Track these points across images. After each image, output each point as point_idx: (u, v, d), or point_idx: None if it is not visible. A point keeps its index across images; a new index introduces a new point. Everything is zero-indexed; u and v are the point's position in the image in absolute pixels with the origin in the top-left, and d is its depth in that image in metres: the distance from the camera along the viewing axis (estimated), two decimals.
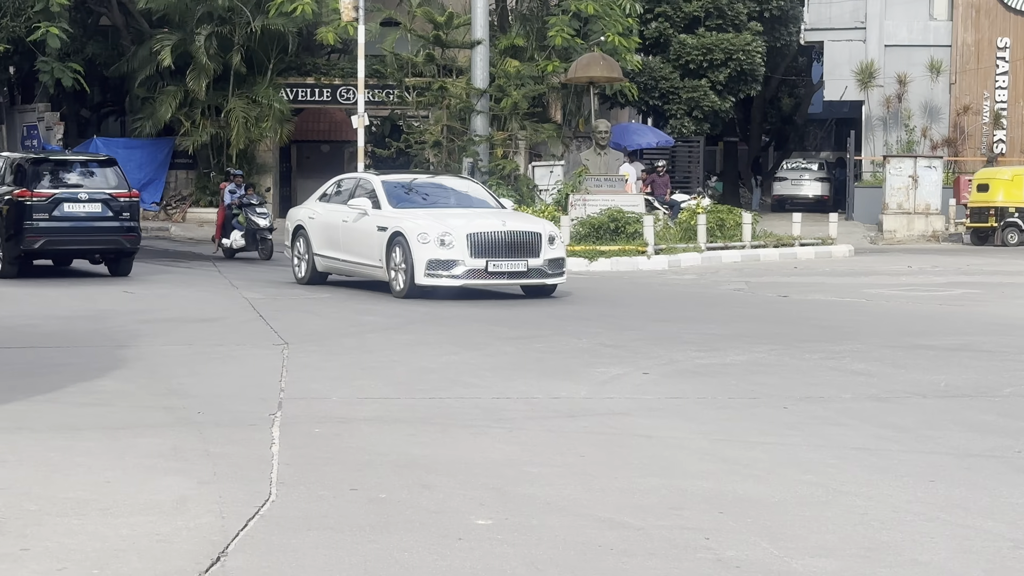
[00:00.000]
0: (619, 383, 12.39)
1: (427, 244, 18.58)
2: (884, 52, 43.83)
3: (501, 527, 7.37)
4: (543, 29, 36.23)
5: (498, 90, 33.14)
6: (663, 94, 43.17)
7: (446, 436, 9.89)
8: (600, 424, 10.45)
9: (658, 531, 7.33)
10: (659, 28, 42.63)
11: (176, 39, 36.39)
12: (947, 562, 6.83)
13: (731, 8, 43.00)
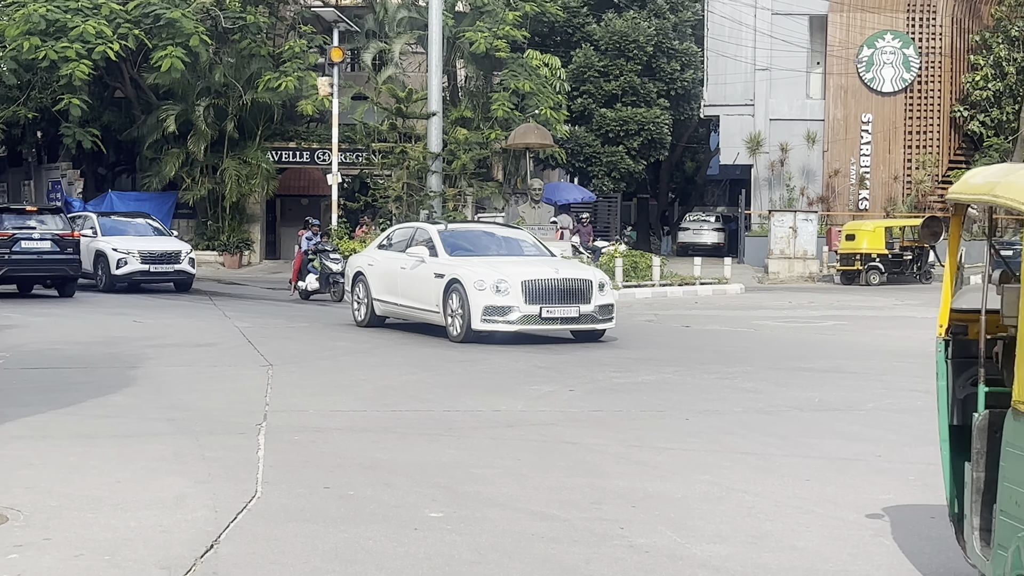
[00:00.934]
0: (549, 399, 12.39)
1: (483, 291, 16.71)
2: (769, 125, 44.20)
3: (450, 519, 7.36)
4: (487, 103, 36.35)
5: (449, 154, 33.24)
6: (587, 158, 43.39)
7: (405, 443, 9.86)
8: (534, 433, 10.45)
9: (581, 522, 7.34)
10: (584, 103, 42.83)
11: (179, 109, 36.20)
12: (820, 547, 6.89)
13: (643, 87, 43.28)
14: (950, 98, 42.77)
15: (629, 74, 42.96)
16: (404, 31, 36.81)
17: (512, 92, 35.69)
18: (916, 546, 6.94)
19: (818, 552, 6.77)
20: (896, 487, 8.47)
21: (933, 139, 42.97)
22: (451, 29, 35.30)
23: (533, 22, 39.16)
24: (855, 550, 6.84)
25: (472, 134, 34.77)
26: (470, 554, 6.62)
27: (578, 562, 6.50)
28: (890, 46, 42.85)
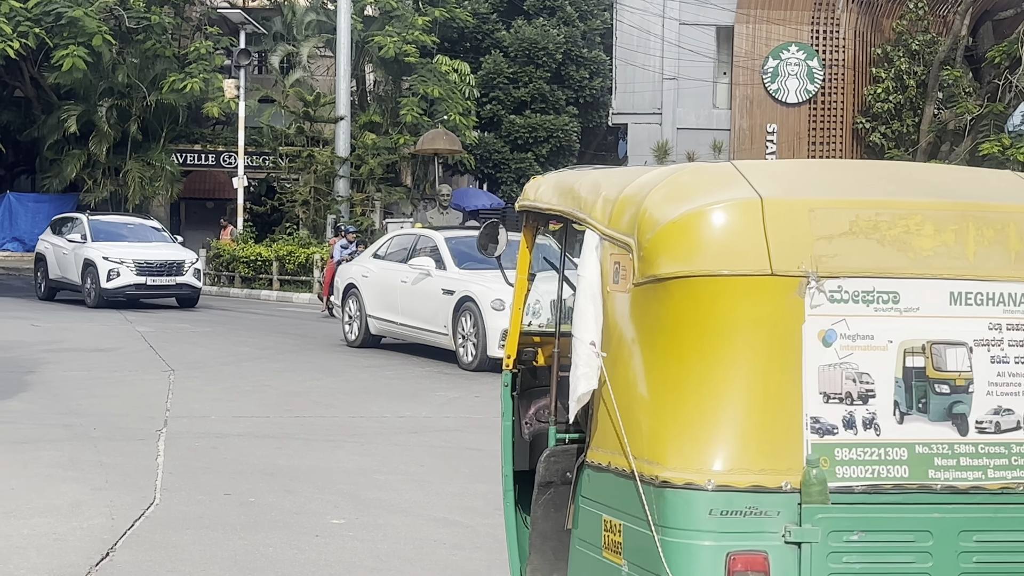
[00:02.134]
0: (455, 404, 12.41)
1: (502, 311, 13.59)
2: (676, 134, 44.57)
3: (352, 526, 7.33)
4: (396, 108, 36.21)
5: (357, 158, 33.10)
6: (496, 164, 43.45)
7: (308, 449, 9.80)
8: (438, 439, 10.45)
9: (484, 528, 7.35)
10: (493, 110, 42.87)
11: (81, 110, 35.54)
12: None
13: (552, 95, 43.47)
14: (852, 110, 43.50)
15: (538, 81, 43.13)
16: (312, 34, 36.58)
17: (421, 97, 35.61)
18: None
19: None
20: None
21: (836, 150, 43.64)
22: (360, 33, 35.15)
23: (442, 28, 39.15)
24: None
25: (380, 139, 34.65)
26: (371, 560, 6.60)
27: (480, 568, 6.51)
28: (795, 58, 43.49)
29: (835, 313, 3.37)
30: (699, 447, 3.34)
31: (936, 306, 3.44)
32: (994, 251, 3.50)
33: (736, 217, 3.42)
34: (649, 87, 44.35)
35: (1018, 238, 3.53)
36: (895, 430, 3.40)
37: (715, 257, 3.38)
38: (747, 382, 3.36)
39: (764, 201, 3.41)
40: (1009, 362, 3.47)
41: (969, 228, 3.50)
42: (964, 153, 38.98)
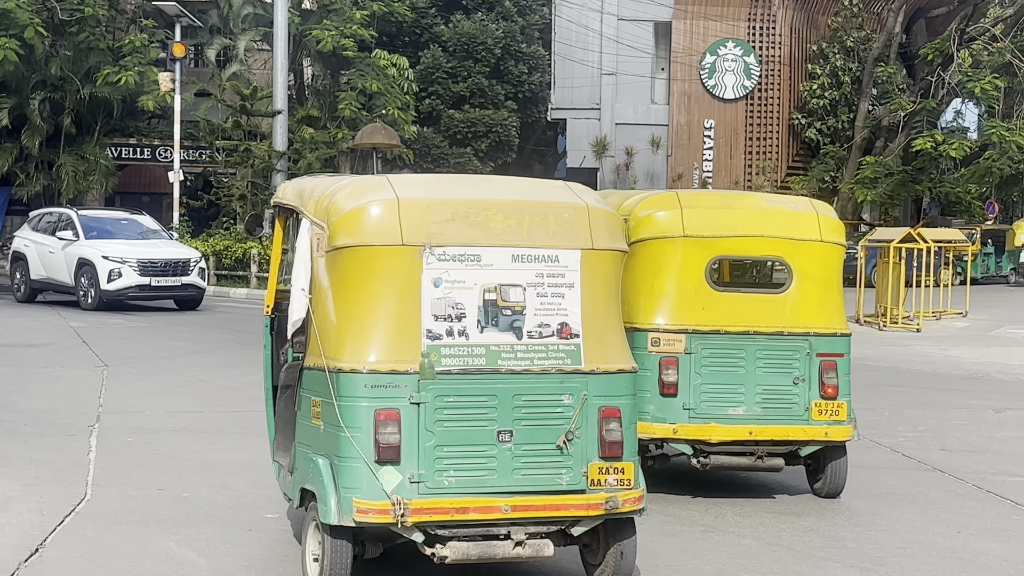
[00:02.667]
0: None
1: None
2: (615, 129, 44.75)
3: (286, 520, 7.30)
4: (335, 103, 36.04)
5: (295, 152, 32.98)
6: (435, 159, 43.39)
7: (243, 444, 9.74)
8: None
9: None
10: (432, 104, 42.81)
11: (13, 102, 35.02)
12: (651, 544, 6.98)
13: (491, 89, 43.48)
14: (789, 106, 43.87)
15: (477, 76, 43.11)
16: (249, 27, 36.32)
17: (359, 92, 35.47)
18: (742, 542, 7.10)
19: (649, 548, 6.89)
20: (726, 485, 8.65)
21: (772, 146, 44.03)
22: (297, 27, 34.96)
23: (381, 22, 39.02)
24: (685, 545, 6.95)
25: (318, 133, 34.51)
26: None
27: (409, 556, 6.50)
28: (732, 54, 43.79)
29: (441, 268, 5.65)
30: (360, 348, 5.64)
31: (503, 263, 5.77)
32: (539, 230, 5.82)
33: (382, 210, 5.73)
34: (588, 82, 44.50)
35: (555, 222, 5.87)
36: (478, 337, 5.68)
37: (370, 234, 5.70)
38: (388, 309, 5.67)
39: (400, 200, 5.76)
40: (548, 296, 5.80)
41: (525, 216, 5.83)
42: (898, 149, 39.46)
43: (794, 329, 8.03)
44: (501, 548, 5.58)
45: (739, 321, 8.02)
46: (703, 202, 8.74)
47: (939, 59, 38.22)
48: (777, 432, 7.99)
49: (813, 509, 7.95)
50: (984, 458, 9.87)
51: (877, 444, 10.34)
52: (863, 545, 7.08)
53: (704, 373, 7.95)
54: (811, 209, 8.47)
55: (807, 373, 7.99)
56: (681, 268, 8.07)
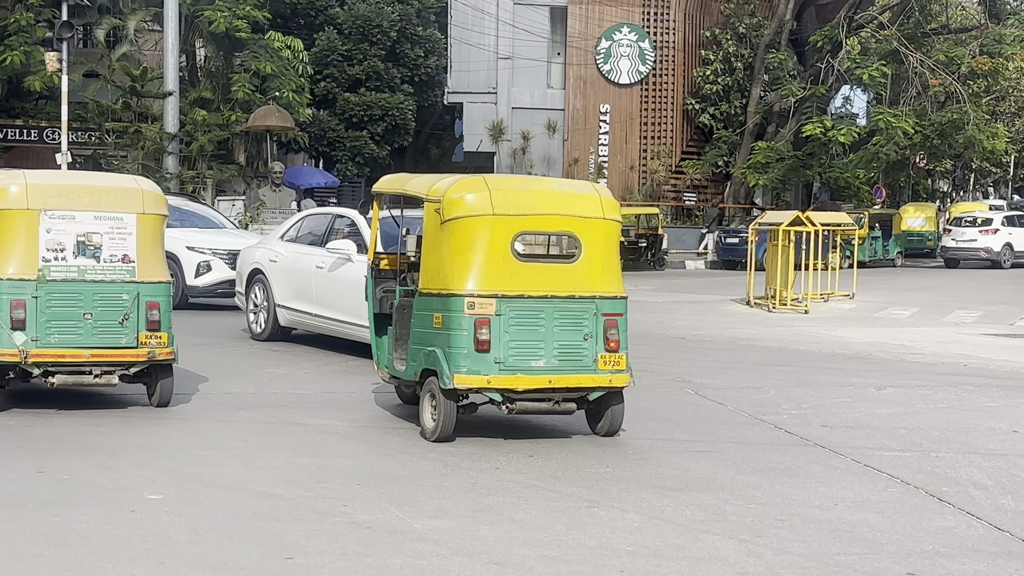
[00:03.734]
0: (283, 381, 12.30)
1: None
2: (511, 113, 44.86)
3: (170, 500, 7.24)
4: (228, 84, 35.55)
5: (187, 135, 32.50)
6: (330, 142, 43.11)
7: (127, 426, 9.63)
8: (263, 415, 10.36)
9: (305, 500, 7.34)
10: (327, 87, 42.51)
11: None
12: (537, 519, 7.09)
13: (387, 73, 43.28)
14: (683, 91, 44.32)
15: (373, 59, 42.88)
16: (139, 7, 35.66)
17: (253, 74, 35.04)
18: (626, 516, 7.22)
19: (535, 524, 6.97)
20: (615, 461, 8.78)
21: (667, 131, 44.45)
22: (189, 7, 34.40)
23: (275, 3, 38.66)
24: (570, 520, 7.07)
25: (211, 115, 34.01)
26: (188, 534, 6.53)
27: (298, 539, 6.49)
28: (627, 39, 44.10)
29: None
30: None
31: None
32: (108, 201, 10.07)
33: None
34: (484, 66, 44.52)
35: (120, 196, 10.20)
36: None
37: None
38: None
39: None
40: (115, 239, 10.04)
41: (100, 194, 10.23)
42: (789, 134, 40.11)
43: (584, 293, 9.37)
44: None
45: (539, 287, 9.29)
46: (506, 185, 10.03)
47: (828, 46, 38.90)
48: (571, 381, 9.26)
49: (696, 485, 8.09)
50: (864, 433, 10.11)
51: (761, 421, 10.54)
52: (743, 518, 7.22)
53: (511, 332, 9.13)
54: (594, 192, 9.94)
55: (594, 330, 9.33)
56: (490, 242, 9.22)
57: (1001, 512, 7.50)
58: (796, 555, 6.46)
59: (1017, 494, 8.00)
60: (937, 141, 38.34)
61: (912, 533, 6.98)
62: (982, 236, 38.89)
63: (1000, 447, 9.68)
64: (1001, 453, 9.41)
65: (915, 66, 37.29)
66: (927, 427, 10.50)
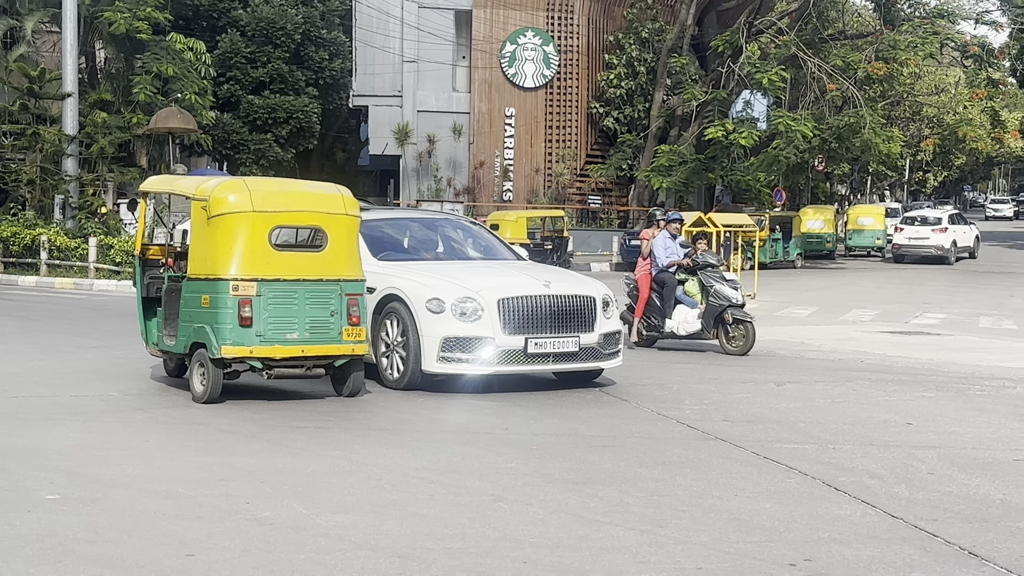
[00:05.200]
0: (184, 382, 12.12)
1: (440, 314, 11.28)
2: (417, 116, 44.82)
3: (68, 500, 7.11)
4: (129, 86, 35.09)
5: (87, 136, 32.00)
6: (234, 145, 42.74)
7: (25, 428, 9.43)
8: (165, 415, 10.23)
9: (207, 499, 7.25)
10: (231, 89, 42.15)
11: None
12: (441, 513, 7.08)
13: (291, 75, 43.02)
14: (587, 95, 44.62)
15: (277, 61, 42.60)
16: (37, 8, 35.03)
17: (155, 76, 34.61)
18: (529, 510, 7.24)
19: (439, 518, 6.96)
20: (518, 456, 8.80)
21: (572, 134, 44.70)
22: (88, 8, 33.89)
23: (176, 4, 38.18)
24: (474, 514, 7.07)
25: (112, 117, 33.54)
26: (86, 533, 6.42)
27: (200, 536, 6.41)
28: (531, 43, 44.29)
29: None
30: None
31: None
32: None
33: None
34: (389, 69, 44.42)
35: None
36: None
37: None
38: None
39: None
40: None
41: None
42: (691, 137, 40.53)
43: (330, 277, 10.82)
44: None
45: (293, 272, 10.69)
46: (264, 187, 11.40)
47: (729, 51, 39.36)
48: (321, 350, 10.73)
49: (599, 478, 8.13)
50: (764, 427, 10.24)
51: (664, 417, 10.63)
52: (645, 509, 7.27)
53: (270, 309, 10.50)
54: (338, 192, 11.32)
55: (339, 308, 10.76)
56: (250, 234, 10.55)
57: (895, 500, 7.65)
58: (697, 544, 6.53)
59: (910, 483, 8.16)
60: (835, 144, 38.95)
61: (809, 521, 7.09)
62: (934, 234, 41.77)
63: (894, 439, 9.86)
64: (895, 444, 9.59)
65: (813, 71, 37.86)
66: (825, 420, 10.67)
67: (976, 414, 11.31)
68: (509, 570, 5.95)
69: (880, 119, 40.08)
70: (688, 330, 15.65)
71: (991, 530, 6.96)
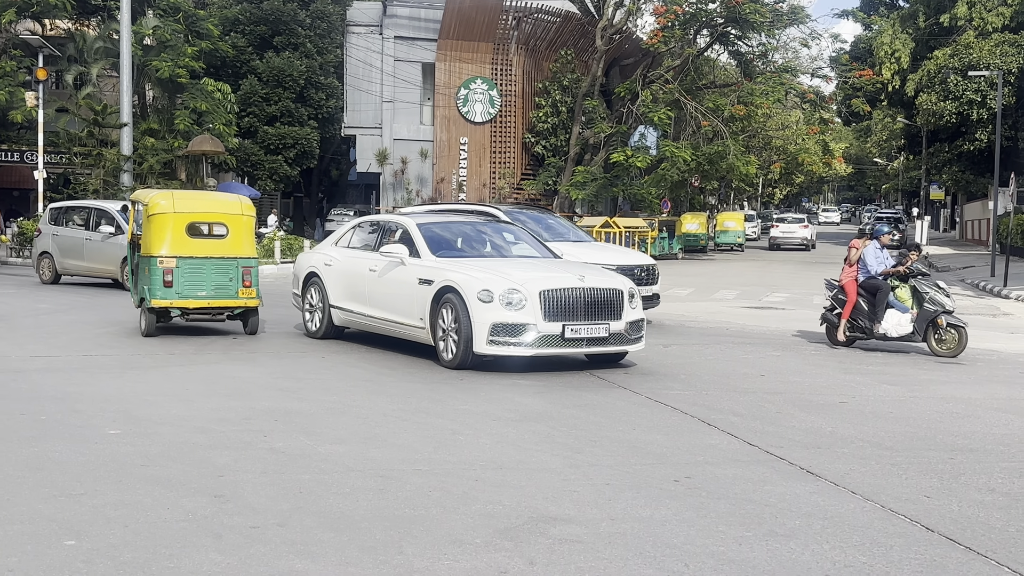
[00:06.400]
0: (216, 343, 12.00)
1: (489, 303, 10.15)
2: (393, 143, 44.41)
3: (126, 435, 7.00)
4: (171, 118, 34.50)
5: (139, 157, 31.43)
6: (253, 164, 42.22)
7: (93, 379, 9.27)
8: (201, 370, 10.09)
9: (234, 433, 7.17)
10: (250, 121, 41.59)
11: None
12: (413, 443, 7.03)
13: (297, 111, 42.58)
14: (522, 128, 44.48)
15: (286, 100, 42.13)
16: (100, 58, 34.33)
17: (192, 110, 34.09)
18: (480, 440, 7.22)
19: (411, 447, 6.93)
20: (472, 400, 8.77)
21: (510, 157, 44.53)
22: (140, 58, 33.26)
23: (208, 56, 37.57)
24: (439, 444, 7.04)
25: (158, 142, 32.98)
26: (141, 459, 6.33)
27: (228, 462, 6.34)
28: (480, 88, 44.09)
29: None
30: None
31: None
32: None
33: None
34: (372, 107, 44.00)
35: None
36: None
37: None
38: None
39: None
40: None
41: None
42: (600, 161, 40.54)
43: (230, 255, 12.59)
44: None
45: (203, 252, 12.47)
46: (185, 195, 13.03)
47: (629, 96, 39.41)
48: (222, 303, 12.52)
49: (532, 417, 8.12)
50: (655, 378, 10.28)
51: (581, 372, 10.63)
52: (567, 440, 7.28)
53: (186, 276, 12.30)
54: (237, 200, 12.93)
55: (236, 275, 12.59)
56: (174, 228, 12.32)
57: (752, 432, 7.72)
58: (605, 466, 6.55)
59: (763, 419, 8.24)
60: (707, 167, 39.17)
61: (689, 448, 7.13)
62: (800, 229, 45.66)
63: (752, 386, 9.95)
64: (752, 391, 9.68)
65: (691, 112, 38.02)
66: (700, 373, 10.73)
67: (812, 368, 11.44)
68: (465, 486, 5.94)
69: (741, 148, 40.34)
70: (900, 332, 13.10)
71: (823, 455, 7.05)
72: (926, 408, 8.97)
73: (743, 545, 4.96)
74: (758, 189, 80.00)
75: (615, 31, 41.24)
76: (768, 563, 4.72)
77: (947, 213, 61.74)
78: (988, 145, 40.16)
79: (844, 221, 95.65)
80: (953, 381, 10.68)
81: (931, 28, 45.70)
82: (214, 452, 6.58)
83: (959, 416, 8.61)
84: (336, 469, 6.25)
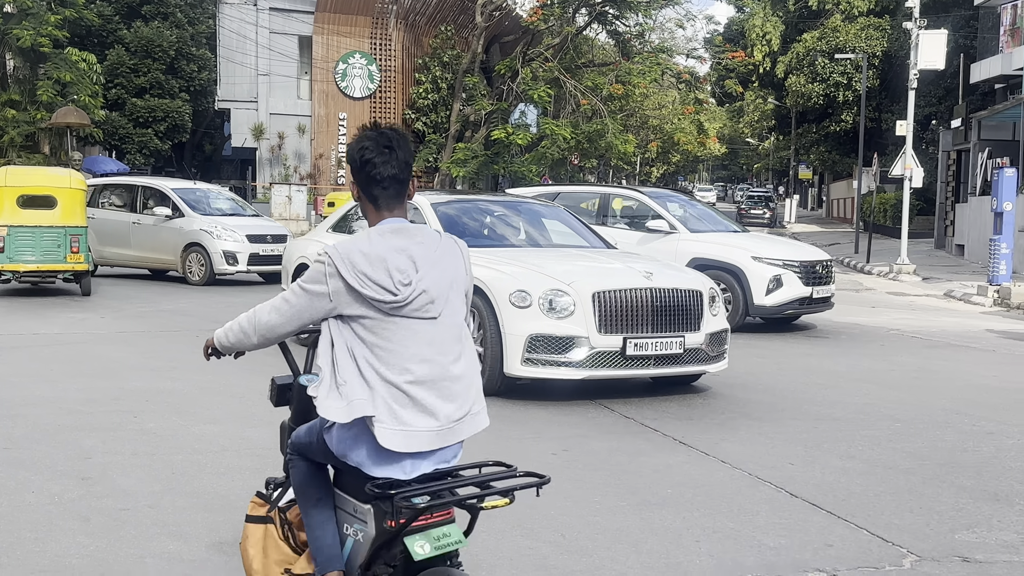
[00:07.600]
0: (83, 323, 11.61)
1: (526, 308, 7.61)
2: (270, 118, 43.58)
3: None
4: (33, 89, 33.06)
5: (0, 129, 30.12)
6: (121, 138, 40.85)
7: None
8: (67, 350, 9.75)
9: (103, 414, 6.96)
10: (118, 93, 40.22)
11: None
12: None
13: (167, 83, 41.37)
14: (402, 104, 44.21)
15: (155, 72, 40.87)
16: None
17: (55, 81, 32.70)
18: None
19: None
20: None
21: None
22: (0, 26, 31.70)
23: (73, 25, 36.06)
24: None
25: (20, 114, 31.60)
26: (3, 442, 6.09)
27: (96, 443, 6.16)
28: (358, 63, 43.59)
29: None
30: None
31: None
32: None
33: None
34: (247, 80, 43.04)
35: None
36: None
37: None
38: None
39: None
40: None
41: None
42: (480, 138, 40.59)
43: (58, 224, 13.55)
44: None
45: (33, 221, 13.44)
46: (18, 170, 14.10)
47: (509, 73, 39.51)
48: (51, 267, 13.58)
49: None
50: None
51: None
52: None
53: (16, 243, 13.36)
54: (67, 173, 13.98)
55: (64, 243, 13.58)
56: (3, 199, 13.34)
57: (629, 406, 7.87)
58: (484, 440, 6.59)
59: (640, 395, 8.41)
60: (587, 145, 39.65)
61: (569, 424, 7.23)
62: (764, 210, 49.30)
63: None
64: None
65: (571, 90, 38.40)
66: None
67: None
68: None
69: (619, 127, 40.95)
70: None
71: (695, 427, 7.24)
72: (792, 380, 9.31)
73: (617, 515, 5.08)
74: (636, 168, 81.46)
75: (495, 8, 41.28)
76: (641, 531, 4.85)
77: (815, 192, 64.10)
78: (853, 126, 41.81)
79: (719, 200, 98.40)
80: (818, 354, 11.11)
81: (800, 11, 47.20)
82: (81, 434, 6.38)
83: (823, 387, 8.97)
84: (210, 449, 6.13)
